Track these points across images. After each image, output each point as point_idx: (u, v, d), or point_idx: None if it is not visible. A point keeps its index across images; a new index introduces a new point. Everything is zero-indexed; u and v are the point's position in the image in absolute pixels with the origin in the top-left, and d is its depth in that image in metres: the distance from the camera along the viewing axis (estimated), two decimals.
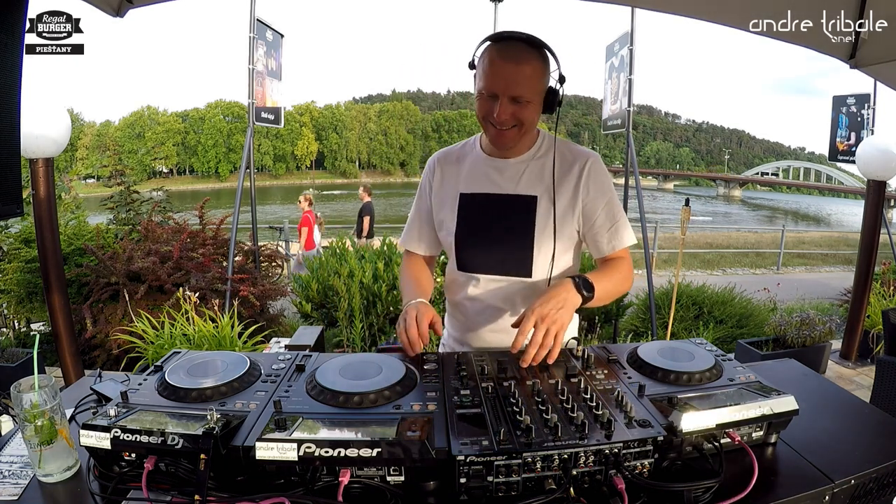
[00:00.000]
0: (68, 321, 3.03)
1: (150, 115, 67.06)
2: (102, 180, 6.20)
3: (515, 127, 1.20)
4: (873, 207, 3.75)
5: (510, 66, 1.14)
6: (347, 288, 3.92)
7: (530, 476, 0.77)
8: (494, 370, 1.03)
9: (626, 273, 1.29)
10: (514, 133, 1.21)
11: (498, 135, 1.21)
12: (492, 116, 1.18)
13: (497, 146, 1.27)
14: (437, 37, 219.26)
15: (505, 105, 1.16)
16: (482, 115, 1.21)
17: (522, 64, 1.15)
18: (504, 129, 1.20)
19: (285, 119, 5.88)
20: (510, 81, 1.15)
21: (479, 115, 1.22)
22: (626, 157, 4.39)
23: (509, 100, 1.16)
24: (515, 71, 1.14)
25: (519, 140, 1.25)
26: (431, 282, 1.44)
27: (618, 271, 1.27)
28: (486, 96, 1.18)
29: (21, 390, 0.85)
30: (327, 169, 79.22)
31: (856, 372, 3.79)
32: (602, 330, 4.32)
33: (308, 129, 75.00)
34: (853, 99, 4.78)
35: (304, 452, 0.74)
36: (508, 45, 1.16)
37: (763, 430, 0.92)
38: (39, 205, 2.83)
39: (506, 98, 1.16)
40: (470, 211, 1.31)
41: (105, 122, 67.56)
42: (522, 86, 1.15)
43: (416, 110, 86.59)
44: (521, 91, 1.15)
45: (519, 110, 1.17)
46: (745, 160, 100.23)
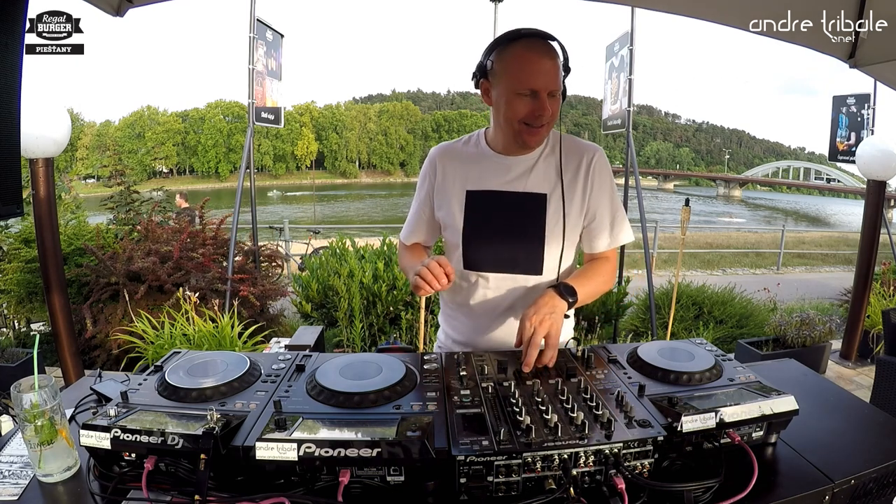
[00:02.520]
0: (68, 321, 3.03)
1: (150, 115, 67.00)
2: (102, 180, 6.20)
3: (547, 124, 1.20)
4: (873, 207, 3.75)
5: (546, 61, 1.15)
6: (347, 288, 3.92)
7: (530, 476, 0.77)
8: (494, 370, 1.03)
9: (609, 276, 1.33)
10: (545, 130, 1.22)
11: (533, 133, 1.21)
12: (532, 116, 1.17)
13: (531, 145, 1.25)
14: (437, 37, 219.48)
15: (547, 101, 1.16)
16: (519, 117, 1.19)
17: (552, 58, 1.16)
18: (539, 127, 1.19)
19: (285, 119, 5.87)
20: (549, 77, 1.16)
21: (514, 117, 1.19)
22: (626, 157, 4.39)
23: (548, 95, 1.16)
24: (551, 65, 1.16)
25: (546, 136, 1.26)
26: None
27: (600, 274, 1.31)
28: (523, 95, 1.17)
29: (21, 390, 0.85)
30: (327, 169, 79.19)
31: (856, 372, 3.79)
32: (602, 330, 4.31)
33: (308, 129, 74.94)
34: (853, 99, 4.78)
35: (304, 452, 0.74)
36: (534, 42, 1.17)
37: (763, 430, 0.92)
38: (39, 205, 2.83)
39: (545, 94, 1.16)
40: (478, 208, 1.31)
41: (105, 122, 67.50)
42: (557, 79, 1.17)
43: (416, 110, 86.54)
44: (557, 84, 1.17)
45: (553, 105, 1.18)
46: (745, 160, 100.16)
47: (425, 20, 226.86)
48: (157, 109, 68.03)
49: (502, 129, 1.24)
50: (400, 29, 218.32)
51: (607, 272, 1.32)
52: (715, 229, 16.88)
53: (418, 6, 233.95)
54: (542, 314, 1.09)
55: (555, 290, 1.16)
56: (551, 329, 1.07)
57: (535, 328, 1.06)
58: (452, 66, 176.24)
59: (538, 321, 1.08)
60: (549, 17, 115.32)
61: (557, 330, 1.09)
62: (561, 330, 1.10)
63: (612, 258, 1.35)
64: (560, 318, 1.12)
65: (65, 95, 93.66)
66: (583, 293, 1.21)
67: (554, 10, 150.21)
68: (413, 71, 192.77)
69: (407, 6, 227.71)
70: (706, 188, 69.98)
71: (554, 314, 1.10)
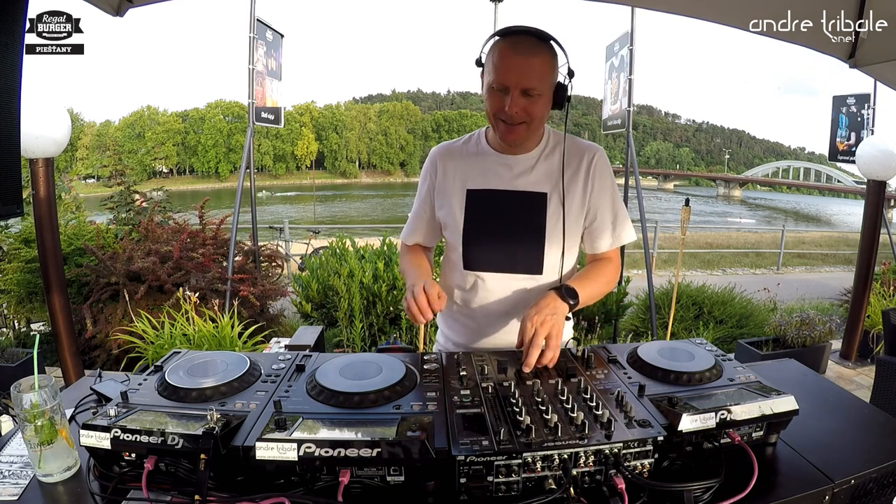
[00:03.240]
0: (68, 321, 3.03)
1: (150, 115, 66.98)
2: (102, 180, 6.19)
3: (524, 123, 1.20)
4: (873, 207, 3.75)
5: (520, 59, 1.14)
6: (347, 288, 3.92)
7: (530, 476, 0.77)
8: (494, 370, 1.03)
9: (612, 277, 1.32)
10: (523, 129, 1.21)
11: (508, 131, 1.21)
12: (503, 111, 1.17)
13: (507, 142, 1.26)
14: (437, 37, 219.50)
15: (516, 98, 1.15)
16: (493, 111, 1.20)
17: (533, 56, 1.15)
18: (514, 125, 1.19)
19: (285, 119, 5.87)
20: (521, 74, 1.14)
21: (490, 111, 1.21)
22: (626, 157, 4.39)
23: (520, 93, 1.16)
24: (526, 63, 1.14)
25: (528, 136, 1.25)
26: (431, 266, 1.45)
27: (603, 275, 1.30)
28: (497, 90, 1.17)
29: (21, 390, 0.85)
30: (327, 169, 79.19)
31: (856, 372, 3.79)
32: (602, 330, 4.31)
33: (308, 129, 74.92)
34: (853, 99, 4.77)
35: (304, 452, 0.74)
36: (518, 39, 1.16)
37: (763, 430, 0.92)
38: (39, 205, 2.83)
39: (517, 91, 1.15)
40: (478, 207, 1.31)
41: (105, 122, 67.49)
42: (533, 78, 1.15)
43: (416, 110, 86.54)
44: (532, 83, 1.15)
45: (529, 105, 1.17)
46: (745, 160, 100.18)
47: (425, 20, 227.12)
48: (157, 109, 68.05)
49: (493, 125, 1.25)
50: (400, 29, 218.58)
51: (610, 273, 1.32)
52: (716, 229, 16.87)
53: (418, 6, 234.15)
54: (544, 315, 1.09)
55: (556, 291, 1.16)
56: (552, 330, 1.07)
57: (536, 329, 1.06)
58: (452, 66, 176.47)
59: (539, 322, 1.07)
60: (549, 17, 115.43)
61: (559, 331, 1.08)
62: (562, 332, 1.10)
63: (615, 259, 1.35)
64: (561, 320, 1.11)
65: (65, 95, 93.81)
66: (585, 295, 1.20)
67: (554, 10, 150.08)
68: (413, 71, 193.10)
69: (407, 6, 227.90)
70: (706, 188, 70.02)
71: (555, 315, 1.10)
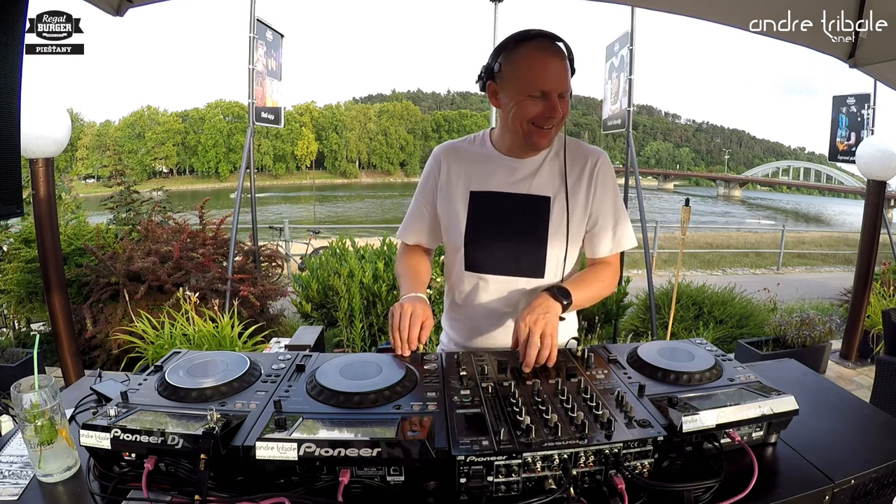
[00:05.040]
0: (68, 321, 3.03)
1: (150, 115, 66.96)
2: (102, 180, 6.19)
3: (556, 125, 1.20)
4: (873, 207, 3.75)
5: (556, 62, 1.15)
6: (347, 288, 3.92)
7: (530, 476, 0.77)
8: (494, 370, 1.03)
9: (609, 280, 1.32)
10: (555, 131, 1.22)
11: (543, 135, 1.20)
12: (541, 117, 1.17)
13: (540, 147, 1.24)
14: (437, 37, 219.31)
15: (556, 102, 1.16)
16: (528, 118, 1.18)
17: (562, 59, 1.16)
18: (549, 129, 1.19)
19: (285, 119, 5.87)
20: (560, 78, 1.16)
21: (523, 118, 1.18)
22: (626, 157, 4.38)
23: (558, 97, 1.16)
24: (561, 66, 1.16)
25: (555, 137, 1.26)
26: (429, 273, 1.43)
27: (600, 279, 1.30)
28: (534, 97, 1.16)
29: (21, 390, 0.85)
30: (327, 169, 79.15)
31: (856, 372, 3.79)
32: (602, 330, 4.31)
33: (308, 129, 74.89)
34: (853, 99, 4.77)
35: (305, 452, 0.74)
36: (543, 43, 1.16)
37: (763, 430, 0.92)
38: (39, 205, 2.83)
39: (556, 95, 1.16)
40: (482, 209, 1.30)
41: (105, 122, 67.45)
42: (567, 80, 1.17)
43: (416, 110, 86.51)
44: (566, 86, 1.17)
45: (564, 106, 1.18)
46: (745, 160, 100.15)
47: (425, 20, 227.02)
48: (157, 109, 68.01)
49: (511, 130, 1.23)
50: (400, 29, 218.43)
51: (608, 277, 1.31)
52: (717, 229, 16.86)
53: (418, 6, 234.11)
54: (536, 314, 1.09)
55: (549, 292, 1.17)
56: (546, 329, 1.07)
57: (529, 328, 1.07)
58: (452, 66, 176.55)
59: (532, 321, 1.08)
60: (549, 17, 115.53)
61: (553, 330, 1.08)
62: (557, 330, 1.10)
63: (614, 263, 1.35)
64: (555, 319, 1.11)
65: (65, 95, 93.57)
66: (579, 296, 1.20)
67: (554, 10, 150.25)
68: (413, 71, 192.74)
69: (407, 6, 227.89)
70: (706, 188, 69.98)
71: (548, 314, 1.10)
